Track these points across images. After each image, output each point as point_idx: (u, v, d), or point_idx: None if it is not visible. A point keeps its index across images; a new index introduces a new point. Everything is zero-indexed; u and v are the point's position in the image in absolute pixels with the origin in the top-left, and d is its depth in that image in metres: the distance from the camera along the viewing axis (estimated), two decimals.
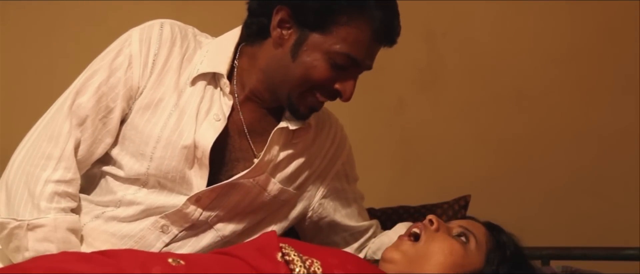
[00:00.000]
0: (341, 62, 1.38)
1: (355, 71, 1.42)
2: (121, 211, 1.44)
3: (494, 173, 2.57)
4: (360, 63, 1.40)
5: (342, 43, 1.37)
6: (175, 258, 1.23)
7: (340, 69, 1.39)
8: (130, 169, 1.43)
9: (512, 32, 2.61)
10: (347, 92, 1.42)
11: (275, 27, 1.41)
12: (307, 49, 1.39)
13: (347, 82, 1.41)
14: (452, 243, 1.35)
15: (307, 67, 1.39)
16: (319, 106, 1.46)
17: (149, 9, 2.43)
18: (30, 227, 1.36)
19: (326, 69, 1.39)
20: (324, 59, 1.38)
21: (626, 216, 2.48)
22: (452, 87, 2.62)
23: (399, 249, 1.36)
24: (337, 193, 1.62)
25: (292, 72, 1.40)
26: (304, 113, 1.46)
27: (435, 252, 1.33)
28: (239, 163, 1.48)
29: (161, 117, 1.42)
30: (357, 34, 1.37)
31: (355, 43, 1.38)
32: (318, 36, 1.38)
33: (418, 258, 1.33)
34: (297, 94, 1.42)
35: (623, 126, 2.58)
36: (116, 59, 1.42)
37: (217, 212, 1.47)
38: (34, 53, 2.48)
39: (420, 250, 1.34)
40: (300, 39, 1.39)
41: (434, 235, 1.36)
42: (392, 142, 2.63)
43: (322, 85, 1.41)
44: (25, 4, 2.47)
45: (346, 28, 1.37)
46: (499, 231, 1.42)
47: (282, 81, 1.42)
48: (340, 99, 1.44)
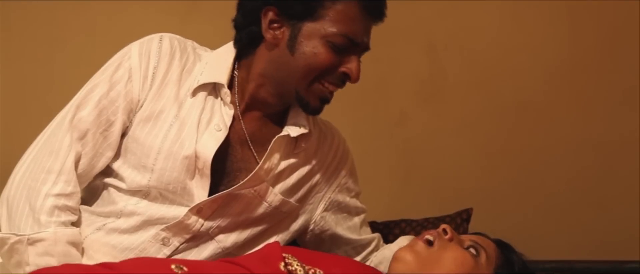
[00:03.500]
0: (339, 43, 1.39)
1: (354, 50, 1.42)
2: (122, 222, 1.44)
3: (495, 185, 2.57)
4: (358, 41, 1.41)
5: (335, 24, 1.39)
6: (178, 264, 1.23)
7: (341, 52, 1.40)
8: (132, 181, 1.43)
9: (513, 44, 2.61)
10: (353, 72, 1.42)
11: (266, 29, 1.42)
12: (303, 39, 1.40)
13: (351, 63, 1.42)
14: (464, 254, 1.35)
15: (308, 56, 1.40)
16: (329, 95, 1.45)
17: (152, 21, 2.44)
18: (31, 241, 1.36)
19: (327, 53, 1.40)
20: (322, 44, 1.39)
21: (628, 228, 2.48)
22: (453, 100, 2.62)
23: (412, 250, 1.35)
24: (339, 206, 1.62)
25: (294, 66, 1.41)
26: (315, 106, 1.45)
27: (448, 260, 1.33)
28: (241, 173, 1.47)
29: (162, 128, 1.43)
30: (346, 12, 1.39)
31: (347, 21, 1.39)
32: (310, 24, 1.39)
33: (430, 262, 1.33)
34: (304, 86, 1.42)
35: (624, 137, 2.57)
36: (116, 72, 1.43)
37: (219, 223, 1.46)
38: (35, 65, 2.48)
39: (433, 255, 1.34)
40: (294, 32, 1.40)
41: (447, 244, 1.36)
42: (393, 155, 2.63)
43: (327, 71, 1.41)
44: (27, 19, 2.48)
45: (334, 9, 1.39)
46: (509, 248, 1.43)
47: (286, 78, 1.42)
48: (349, 81, 1.44)
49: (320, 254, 1.40)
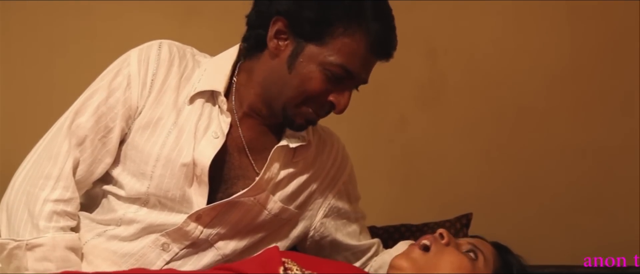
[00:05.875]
0: (336, 73, 1.38)
1: (350, 84, 1.42)
2: (122, 230, 1.44)
3: (495, 190, 2.57)
4: (355, 75, 1.40)
5: (338, 54, 1.37)
6: None
7: (336, 81, 1.39)
8: (131, 189, 1.43)
9: (514, 49, 2.61)
10: (340, 104, 1.41)
11: (271, 37, 1.41)
12: (303, 60, 1.39)
13: (341, 95, 1.41)
14: (461, 258, 1.35)
15: (303, 78, 1.39)
16: (315, 118, 1.45)
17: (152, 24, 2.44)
18: (29, 247, 1.36)
19: (321, 81, 1.39)
20: (319, 70, 1.38)
21: (627, 233, 2.48)
22: (453, 104, 2.62)
23: (408, 257, 1.35)
24: (338, 213, 1.62)
25: (289, 84, 1.40)
26: (299, 124, 1.45)
27: (445, 265, 1.33)
28: (239, 181, 1.47)
29: (160, 136, 1.42)
30: (352, 46, 1.37)
31: (351, 54, 1.38)
32: (314, 47, 1.38)
33: (427, 267, 1.33)
34: (292, 105, 1.41)
35: (624, 142, 2.57)
36: (115, 79, 1.43)
37: (218, 230, 1.46)
38: (35, 68, 2.48)
39: (430, 260, 1.34)
40: (297, 50, 1.39)
41: (444, 249, 1.35)
42: (393, 159, 2.62)
43: (316, 97, 1.40)
44: (27, 22, 2.48)
45: (342, 39, 1.37)
46: (507, 251, 1.43)
47: (278, 93, 1.42)
48: (334, 112, 1.43)
49: (319, 259, 1.39)
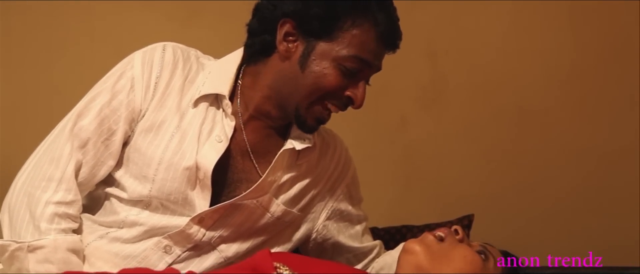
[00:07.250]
0: (351, 66, 1.39)
1: (363, 75, 1.42)
2: (124, 232, 1.44)
3: (497, 191, 2.57)
4: (369, 63, 1.41)
5: (349, 47, 1.38)
6: None
7: (350, 75, 1.40)
8: (133, 192, 1.42)
9: (515, 50, 2.61)
10: (358, 98, 1.42)
11: (281, 41, 1.41)
12: (316, 58, 1.39)
13: (357, 89, 1.42)
14: (474, 254, 1.34)
15: (317, 76, 1.39)
16: (326, 117, 1.45)
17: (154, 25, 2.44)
18: (31, 248, 1.36)
19: (337, 76, 1.39)
20: (334, 66, 1.39)
21: (629, 234, 2.48)
22: (454, 105, 2.62)
23: (423, 242, 1.34)
24: (341, 215, 1.62)
25: (302, 83, 1.40)
26: (311, 125, 1.45)
27: (458, 257, 1.32)
28: (242, 184, 1.47)
29: (163, 139, 1.42)
30: (362, 36, 1.39)
31: (362, 44, 1.39)
32: (325, 44, 1.39)
33: (440, 256, 1.32)
34: (305, 105, 1.42)
35: (625, 143, 2.57)
36: (118, 82, 1.43)
37: (221, 233, 1.46)
38: (36, 69, 2.48)
39: (443, 250, 1.33)
40: (308, 49, 1.40)
41: (458, 243, 1.35)
42: (394, 160, 2.63)
43: (332, 93, 1.41)
44: (28, 23, 2.48)
45: (351, 31, 1.38)
46: (515, 262, 1.42)
47: (291, 93, 1.42)
48: (352, 107, 1.44)
49: (313, 260, 1.39)
